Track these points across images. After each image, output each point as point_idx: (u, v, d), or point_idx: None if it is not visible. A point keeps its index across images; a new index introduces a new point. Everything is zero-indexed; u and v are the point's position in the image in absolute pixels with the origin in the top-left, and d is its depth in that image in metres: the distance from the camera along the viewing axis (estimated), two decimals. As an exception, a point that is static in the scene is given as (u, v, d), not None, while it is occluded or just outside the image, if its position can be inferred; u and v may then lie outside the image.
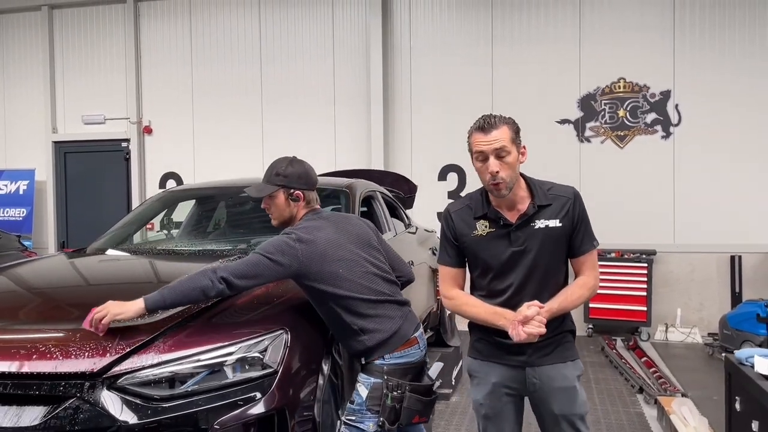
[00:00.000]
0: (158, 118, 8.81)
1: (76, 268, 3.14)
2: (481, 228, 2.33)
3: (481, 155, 2.25)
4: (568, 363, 2.34)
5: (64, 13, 9.08)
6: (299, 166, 2.75)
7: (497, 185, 2.24)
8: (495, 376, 2.37)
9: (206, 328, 2.34)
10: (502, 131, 2.24)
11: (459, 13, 7.88)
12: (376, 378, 2.49)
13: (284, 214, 2.71)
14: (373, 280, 2.59)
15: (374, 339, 2.51)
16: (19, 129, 9.27)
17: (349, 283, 2.51)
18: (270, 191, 2.68)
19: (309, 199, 2.73)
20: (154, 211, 4.15)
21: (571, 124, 7.56)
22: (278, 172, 2.69)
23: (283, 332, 2.39)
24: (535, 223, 2.30)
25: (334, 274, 2.50)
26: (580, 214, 2.35)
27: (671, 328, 7.13)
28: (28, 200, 8.94)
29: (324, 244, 2.54)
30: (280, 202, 2.69)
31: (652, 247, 7.24)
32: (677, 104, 7.30)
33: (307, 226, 2.60)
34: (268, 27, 8.41)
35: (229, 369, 2.25)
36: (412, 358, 2.60)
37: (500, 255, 2.30)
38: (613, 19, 7.44)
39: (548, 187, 2.38)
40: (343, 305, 2.50)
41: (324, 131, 8.19)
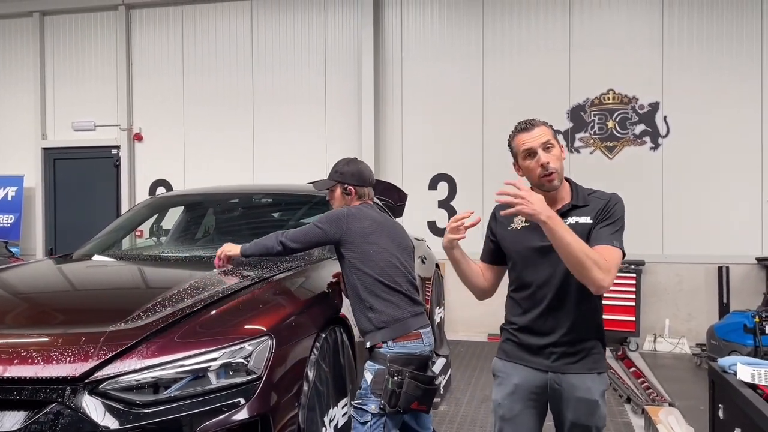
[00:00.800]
0: (149, 126, 8.80)
1: (62, 273, 3.11)
2: (518, 222, 2.40)
3: (529, 152, 2.30)
4: (594, 375, 2.31)
5: (56, 20, 9.07)
6: (354, 165, 3.20)
7: (550, 176, 2.28)
8: (517, 377, 2.37)
9: (190, 333, 2.32)
10: (543, 128, 2.34)
11: (450, 25, 7.92)
12: (380, 365, 2.75)
13: (341, 204, 3.15)
14: (395, 272, 2.92)
15: (379, 320, 2.81)
16: (8, 135, 9.23)
17: (374, 264, 2.88)
18: (328, 185, 3.19)
19: (361, 193, 3.15)
20: (142, 217, 4.14)
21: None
22: (337, 170, 3.18)
23: (268, 338, 2.38)
24: (567, 220, 2.30)
25: (365, 252, 2.90)
26: (610, 211, 2.31)
27: (659, 338, 7.15)
28: (16, 206, 8.89)
29: (367, 225, 2.96)
30: (337, 195, 3.16)
31: (641, 257, 7.27)
32: (666, 116, 7.35)
33: (360, 209, 3.04)
34: (260, 36, 8.43)
35: (213, 375, 2.24)
36: (414, 350, 2.83)
37: (530, 248, 2.34)
38: (602, 31, 7.51)
39: (590, 192, 2.43)
40: (363, 281, 2.87)
41: (315, 140, 8.20)
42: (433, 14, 7.98)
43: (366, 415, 2.71)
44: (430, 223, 7.88)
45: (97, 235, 3.90)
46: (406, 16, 8.05)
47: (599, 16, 7.52)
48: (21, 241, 8.82)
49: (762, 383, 2.30)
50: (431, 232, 7.77)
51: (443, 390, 5.25)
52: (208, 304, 2.50)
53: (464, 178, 7.73)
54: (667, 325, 7.16)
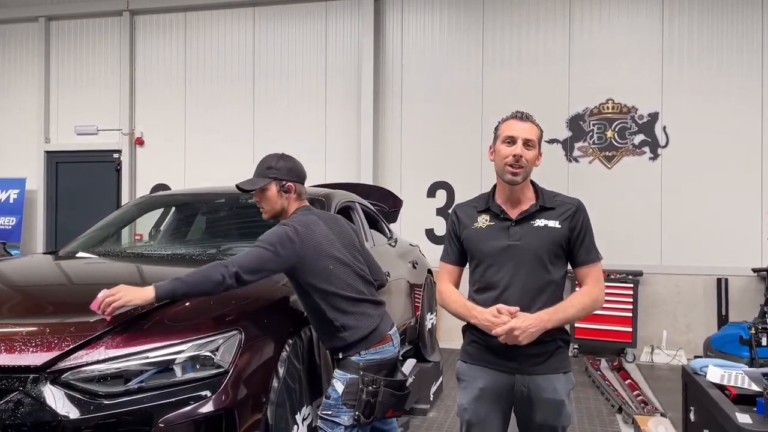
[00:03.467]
0: (150, 130, 8.85)
1: (40, 268, 3.13)
2: (482, 221, 2.41)
3: (510, 139, 2.33)
4: (560, 375, 2.33)
5: (61, 25, 9.17)
6: (290, 160, 2.87)
7: (516, 168, 2.30)
8: (483, 381, 2.35)
9: (158, 325, 2.32)
10: (534, 128, 2.37)
11: (450, 33, 7.95)
12: (352, 374, 2.59)
13: (276, 206, 2.78)
14: (355, 279, 2.71)
15: (354, 336, 2.62)
16: (12, 138, 9.31)
17: (337, 280, 2.63)
18: (262, 183, 2.76)
19: (299, 191, 2.83)
20: (132, 216, 4.15)
21: (560, 143, 7.59)
22: (270, 165, 2.79)
23: (237, 333, 2.37)
24: (534, 222, 2.35)
25: (326, 269, 2.62)
26: (583, 224, 2.39)
27: (657, 349, 7.08)
28: (18, 209, 8.95)
29: (320, 238, 2.67)
30: (272, 195, 2.76)
31: (639, 268, 7.22)
32: (665, 126, 7.32)
33: (303, 221, 2.70)
34: (262, 42, 8.48)
35: (179, 367, 2.23)
36: (387, 355, 2.70)
37: (496, 247, 2.34)
38: (602, 41, 7.51)
39: (554, 195, 2.45)
40: (328, 301, 2.61)
41: (315, 146, 8.21)
42: (433, 22, 8.01)
43: (338, 427, 2.55)
44: (428, 231, 7.86)
45: (83, 233, 3.91)
46: (407, 23, 8.08)
47: (599, 26, 7.52)
48: (22, 244, 8.87)
49: (730, 384, 2.27)
50: (429, 240, 7.75)
51: (433, 397, 5.22)
52: (179, 299, 2.49)
53: (463, 186, 7.70)
54: (665, 336, 7.09)
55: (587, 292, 2.34)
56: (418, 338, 5.24)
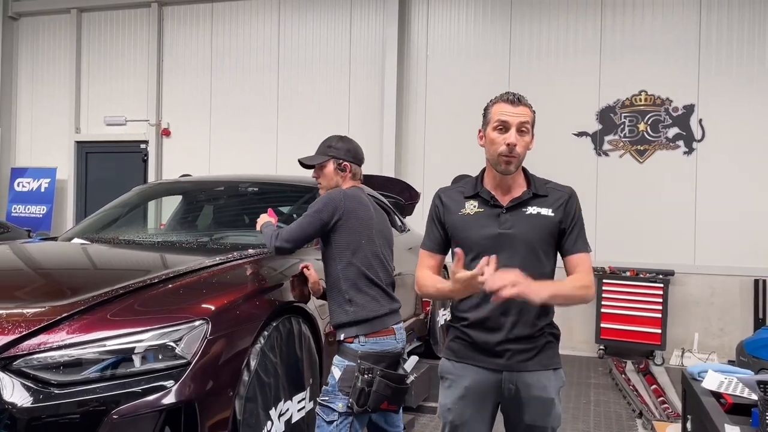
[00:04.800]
0: (177, 121, 8.89)
1: (24, 253, 3.08)
2: (470, 207, 2.24)
3: (503, 125, 2.16)
4: (549, 372, 2.19)
5: (92, 17, 9.27)
6: (349, 142, 3.03)
7: (509, 158, 2.14)
8: (468, 379, 2.20)
9: (120, 313, 2.23)
10: (527, 111, 2.20)
11: (477, 23, 7.73)
12: (350, 361, 2.63)
13: (331, 183, 2.95)
14: (380, 266, 2.81)
15: (357, 314, 2.68)
16: (44, 128, 9.47)
17: (363, 256, 2.75)
18: (321, 160, 2.96)
19: (355, 172, 2.99)
20: (133, 203, 4.11)
21: (589, 136, 7.31)
22: (330, 144, 2.98)
23: (204, 323, 2.26)
24: (526, 209, 2.20)
25: (357, 240, 2.75)
26: (576, 213, 2.23)
27: (688, 353, 6.76)
28: (48, 198, 9.09)
29: (363, 212, 2.81)
30: (329, 172, 2.94)
31: (670, 267, 6.90)
32: (701, 119, 6.97)
33: (354, 193, 2.86)
34: (287, 35, 8.41)
35: (138, 357, 2.13)
36: (387, 347, 2.72)
37: (485, 235, 2.18)
38: (635, 31, 7.19)
39: (546, 182, 2.30)
40: (347, 272, 2.73)
41: (337, 138, 8.10)
42: (459, 12, 7.81)
43: (332, 413, 2.59)
44: (451, 225, 7.67)
45: (85, 219, 3.88)
46: (432, 13, 7.90)
47: (633, 14, 7.20)
48: (52, 232, 9.00)
49: (728, 392, 2.05)
50: (451, 235, 7.56)
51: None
52: (147, 285, 2.40)
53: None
54: (696, 339, 6.76)
55: (580, 278, 2.15)
56: (429, 334, 5.09)
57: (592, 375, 6.21)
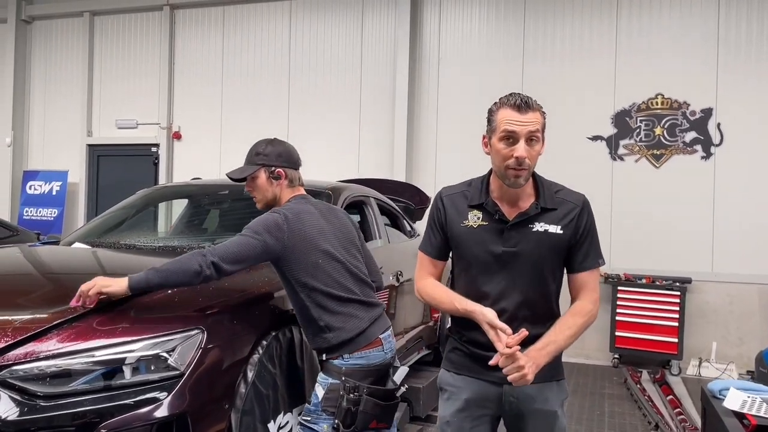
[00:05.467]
0: (188, 124, 8.86)
1: (24, 257, 3.02)
2: (473, 219, 2.09)
3: (511, 135, 1.98)
4: (552, 384, 2.09)
5: (104, 20, 9.28)
6: (279, 145, 2.71)
7: (518, 172, 1.98)
8: (468, 392, 2.10)
9: (111, 321, 2.15)
10: (537, 116, 2.01)
11: (490, 27, 7.63)
12: (333, 379, 2.41)
13: (267, 194, 2.65)
14: (346, 277, 2.53)
15: (339, 338, 2.44)
16: (57, 131, 9.48)
17: (325, 276, 2.45)
18: (250, 171, 2.65)
19: (291, 177, 2.67)
20: (136, 208, 4.04)
21: (604, 141, 7.16)
22: (258, 152, 2.67)
23: (199, 333, 2.18)
24: (533, 225, 2.05)
25: (314, 263, 2.45)
26: (588, 226, 2.10)
27: (705, 362, 6.59)
28: (60, 201, 9.09)
29: (310, 229, 2.50)
30: (262, 182, 2.65)
31: (687, 274, 6.73)
32: (719, 123, 6.81)
33: (295, 209, 2.54)
34: (298, 37, 8.36)
35: (129, 368, 2.05)
36: (374, 361, 2.50)
37: (487, 253, 2.05)
38: (651, 33, 7.04)
39: (556, 190, 2.14)
40: (313, 298, 2.44)
41: (348, 139, 8.04)
42: (472, 14, 7.71)
43: None
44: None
45: (87, 223, 3.82)
46: (444, 16, 7.81)
47: (649, 15, 7.05)
48: (63, 235, 8.98)
49: (752, 412, 1.93)
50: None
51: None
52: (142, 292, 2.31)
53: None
54: (714, 348, 6.59)
55: (581, 310, 2.06)
56: (438, 342, 4.97)
57: (606, 385, 6.06)
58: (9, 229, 6.77)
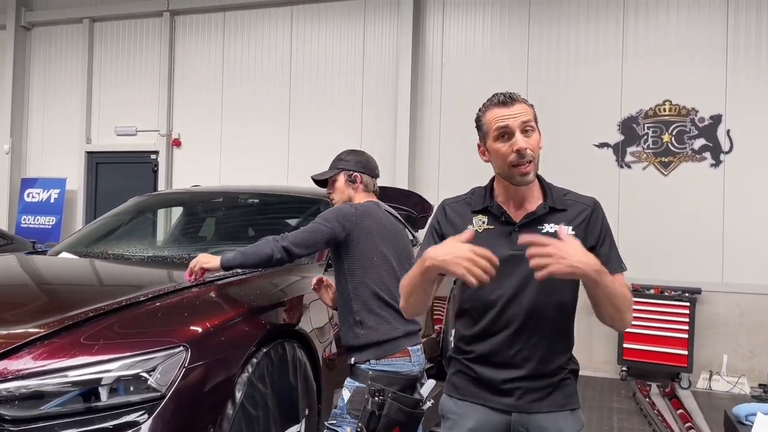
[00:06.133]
0: (187, 131, 8.74)
1: (6, 268, 2.87)
2: (478, 224, 1.95)
3: (505, 131, 1.87)
4: (566, 413, 1.91)
5: (104, 26, 9.18)
6: (360, 154, 2.98)
7: (524, 165, 1.85)
8: (472, 419, 1.92)
9: (87, 338, 2.00)
10: (525, 107, 1.91)
11: (494, 33, 7.50)
12: (360, 382, 2.49)
13: (344, 196, 2.84)
14: (394, 284, 2.58)
15: (368, 337, 2.54)
16: (55, 138, 9.38)
17: (376, 275, 2.60)
18: (330, 174, 2.90)
19: (366, 182, 2.87)
20: (127, 217, 3.90)
21: (611, 148, 7.01)
22: (340, 158, 2.93)
23: (183, 350, 2.03)
24: (543, 227, 1.89)
25: (369, 258, 2.60)
26: (603, 228, 1.94)
27: (716, 375, 6.40)
28: (58, 209, 8.98)
29: (375, 227, 2.66)
30: (340, 185, 2.85)
31: (697, 285, 6.56)
32: (729, 130, 6.65)
33: (367, 207, 2.72)
34: (299, 42, 8.25)
35: (105, 389, 1.90)
36: (401, 369, 2.55)
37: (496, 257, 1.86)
38: (658, 38, 6.90)
39: (564, 192, 2.00)
40: (358, 291, 2.58)
41: (350, 147, 7.88)
42: (476, 21, 7.58)
43: None
44: (466, 239, 7.40)
45: (75, 232, 3.69)
46: (448, 22, 7.69)
47: (656, 21, 6.92)
48: (60, 243, 8.87)
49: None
50: (467, 249, 7.29)
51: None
52: (123, 307, 2.18)
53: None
54: (725, 361, 6.41)
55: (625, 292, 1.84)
56: (441, 354, 4.81)
57: (614, 398, 5.88)
58: (4, 237, 6.64)
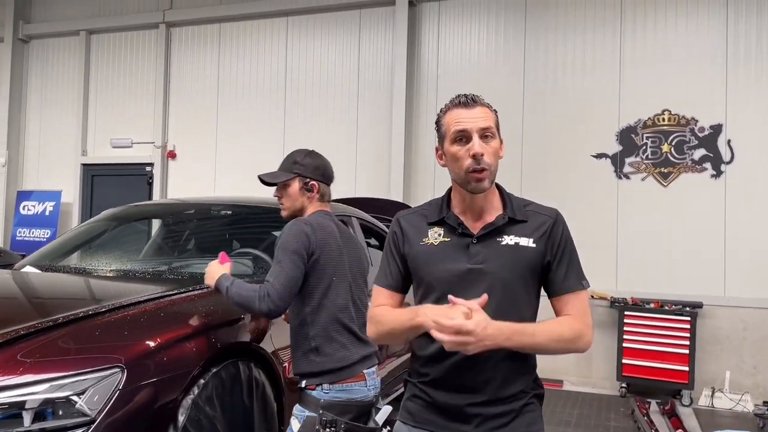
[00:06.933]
0: (182, 143, 8.68)
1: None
2: (434, 236, 1.82)
3: (462, 134, 1.76)
4: None
5: (101, 38, 9.16)
6: (318, 158, 2.69)
7: (480, 173, 1.74)
8: None
9: (12, 358, 1.87)
10: (486, 111, 1.81)
11: (489, 40, 7.39)
12: (311, 411, 2.29)
13: (296, 204, 2.62)
14: (350, 306, 2.49)
15: (323, 365, 2.35)
16: (52, 151, 9.35)
17: (334, 295, 2.42)
18: (285, 178, 2.61)
19: (323, 192, 2.66)
20: (98, 230, 3.80)
21: (609, 158, 6.86)
22: (296, 160, 2.64)
23: (118, 371, 1.91)
24: (502, 239, 1.77)
25: (328, 278, 2.42)
26: (565, 241, 1.82)
27: (718, 392, 6.20)
28: (53, 221, 8.92)
29: (332, 245, 2.48)
30: (294, 192, 2.61)
31: (698, 298, 6.37)
32: (729, 140, 6.49)
33: (320, 222, 2.52)
34: (294, 53, 8.18)
35: (29, 413, 1.78)
36: (355, 395, 2.37)
37: (451, 272, 1.76)
38: (657, 47, 6.76)
39: (525, 203, 1.87)
40: (315, 316, 2.39)
41: (345, 157, 7.79)
42: (471, 30, 7.48)
43: None
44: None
45: (44, 246, 3.59)
46: (443, 32, 7.59)
47: (654, 28, 6.79)
48: (55, 256, 8.80)
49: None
50: (462, 262, 7.15)
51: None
52: (60, 324, 2.06)
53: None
54: (728, 377, 6.20)
55: (569, 322, 1.74)
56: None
57: (612, 416, 5.70)
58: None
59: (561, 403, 6.01)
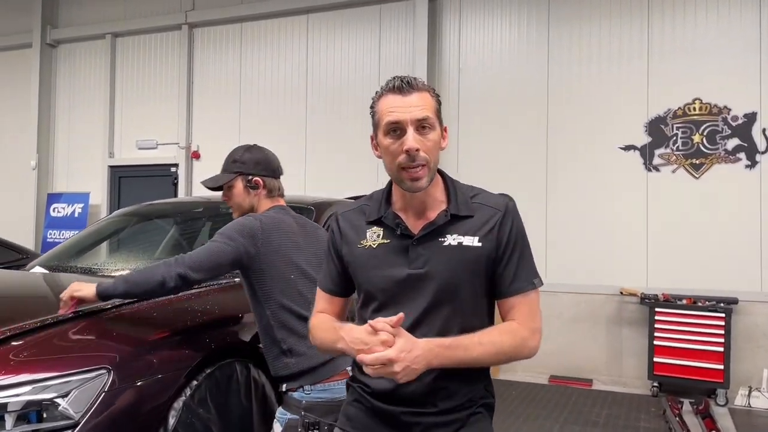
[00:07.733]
0: (206, 143, 8.71)
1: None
2: (372, 237, 1.65)
3: (395, 126, 1.59)
4: None
5: (126, 41, 9.25)
6: (258, 152, 2.54)
7: (415, 169, 1.57)
8: None
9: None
10: (425, 97, 1.61)
11: (512, 31, 7.23)
12: (293, 414, 2.18)
13: (244, 205, 2.47)
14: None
15: (300, 365, 2.20)
16: (80, 153, 9.47)
17: (295, 292, 2.25)
18: (226, 180, 2.48)
19: (270, 187, 2.48)
20: (110, 230, 3.79)
21: (638, 150, 6.64)
22: (235, 159, 2.51)
23: (104, 373, 1.86)
24: (444, 239, 1.59)
25: (286, 278, 2.25)
26: (514, 235, 1.62)
27: (755, 392, 5.95)
28: (82, 223, 9.02)
29: (287, 241, 2.32)
30: (239, 192, 2.47)
31: (733, 294, 6.13)
32: (765, 128, 6.22)
33: (273, 217, 2.36)
34: (314, 51, 8.14)
35: (12, 416, 1.74)
36: (338, 395, 2.19)
37: (391, 278, 1.59)
38: (687, 33, 6.52)
39: (473, 194, 1.69)
40: (279, 317, 2.23)
41: (365, 156, 7.69)
42: (494, 22, 7.33)
43: None
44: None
45: (56, 247, 3.59)
46: (465, 25, 7.45)
47: (683, 15, 6.55)
48: (84, 257, 8.92)
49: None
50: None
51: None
52: (49, 324, 2.01)
53: (528, 197, 6.81)
54: (765, 376, 5.95)
55: (511, 330, 1.57)
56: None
57: (642, 417, 5.50)
58: (19, 252, 6.66)
59: (590, 402, 5.83)
